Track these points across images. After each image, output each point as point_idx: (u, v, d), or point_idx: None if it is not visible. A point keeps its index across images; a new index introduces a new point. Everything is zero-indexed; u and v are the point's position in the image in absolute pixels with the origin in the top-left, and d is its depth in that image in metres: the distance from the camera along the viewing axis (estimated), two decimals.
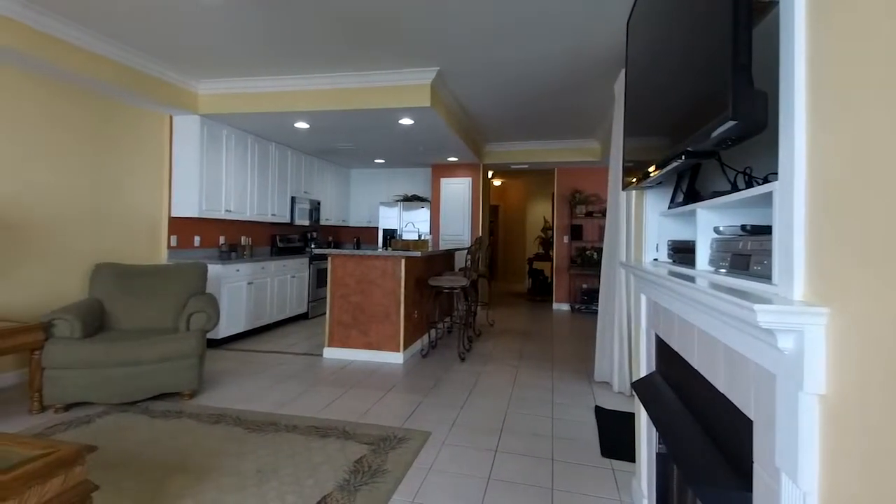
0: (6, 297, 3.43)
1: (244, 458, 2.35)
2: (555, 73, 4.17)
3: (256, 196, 5.80)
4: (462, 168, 7.53)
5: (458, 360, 4.36)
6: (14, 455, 1.48)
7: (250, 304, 5.23)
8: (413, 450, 2.47)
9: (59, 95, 3.80)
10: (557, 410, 3.15)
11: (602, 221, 7.43)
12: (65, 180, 3.85)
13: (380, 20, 3.25)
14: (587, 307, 7.33)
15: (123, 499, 1.97)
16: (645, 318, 1.99)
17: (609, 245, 3.78)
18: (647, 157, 1.71)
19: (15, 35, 3.14)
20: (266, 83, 4.58)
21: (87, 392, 2.94)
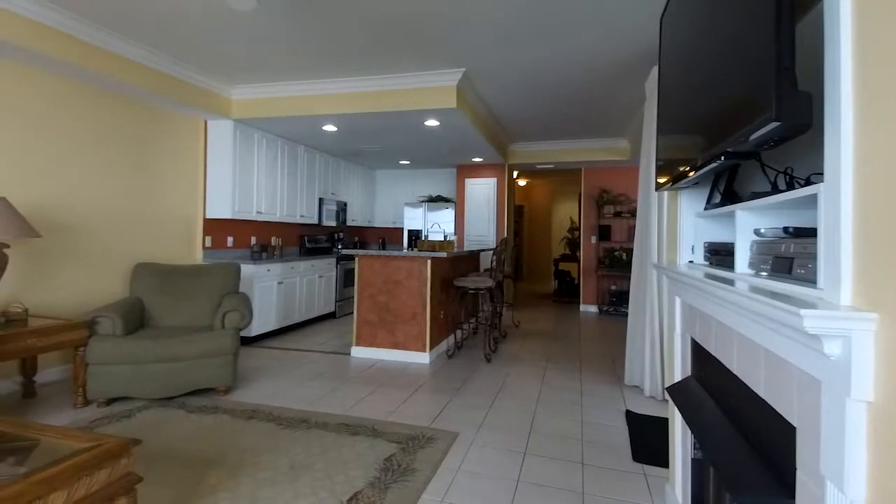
0: (52, 295, 3.61)
1: (277, 454, 2.41)
2: (583, 72, 4.13)
3: (286, 197, 5.93)
4: (487, 168, 7.52)
5: (485, 361, 4.36)
6: (64, 447, 1.56)
7: (280, 304, 5.35)
8: (441, 450, 2.49)
9: (102, 102, 3.98)
10: (587, 414, 3.11)
11: (631, 222, 7.30)
12: (106, 184, 4.03)
13: (407, 23, 3.29)
14: (616, 309, 7.21)
15: (165, 490, 2.05)
16: (680, 321, 1.95)
17: (640, 246, 3.71)
18: (683, 158, 1.68)
19: (67, 48, 3.31)
20: (295, 87, 4.68)
21: (128, 387, 3.07)
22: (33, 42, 3.13)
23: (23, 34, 3.07)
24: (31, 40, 3.11)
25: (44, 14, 3.14)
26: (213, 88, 4.68)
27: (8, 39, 2.99)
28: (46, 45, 3.20)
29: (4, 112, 3.30)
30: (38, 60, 3.32)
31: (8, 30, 2.98)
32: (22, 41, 3.06)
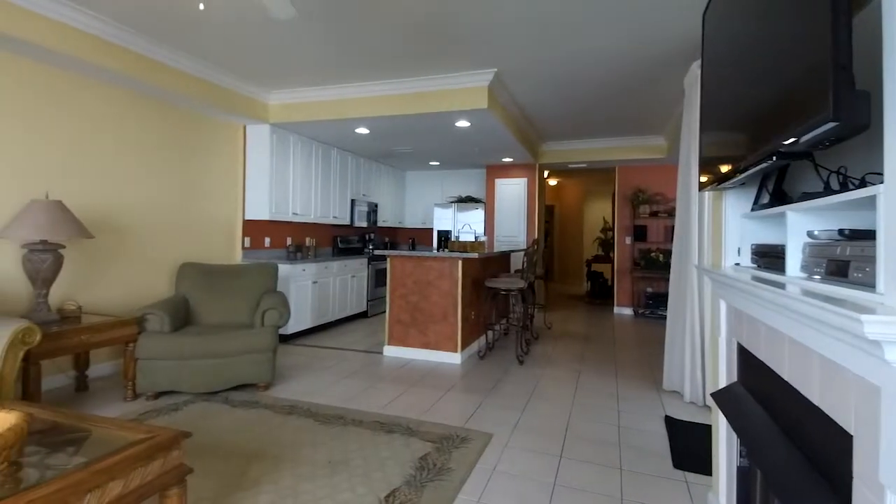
0: (105, 293, 3.81)
1: (316, 449, 2.48)
2: (618, 69, 4.06)
3: (320, 199, 6.06)
4: (517, 168, 7.48)
5: (517, 362, 4.34)
6: (119, 439, 1.65)
7: (315, 303, 5.47)
8: (476, 450, 2.50)
9: (149, 110, 4.18)
10: (624, 418, 3.06)
11: (668, 222, 7.11)
12: (153, 187, 4.22)
13: (439, 26, 3.31)
14: (652, 312, 7.03)
15: (212, 482, 2.14)
16: (725, 325, 1.90)
17: (679, 247, 3.61)
18: (729, 157, 1.64)
19: (120, 59, 3.49)
20: (329, 92, 4.78)
21: (174, 381, 3.21)
22: (88, 54, 3.31)
23: (79, 46, 3.25)
24: (86, 52, 3.30)
25: (98, 27, 3.32)
26: (251, 94, 4.83)
27: (66, 51, 3.17)
28: (100, 56, 3.39)
29: (62, 119, 3.51)
30: (91, 71, 3.51)
31: (66, 42, 3.17)
32: (78, 52, 3.25)
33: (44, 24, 3.04)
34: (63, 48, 3.14)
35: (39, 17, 3.01)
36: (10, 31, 2.87)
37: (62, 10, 3.08)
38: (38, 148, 3.36)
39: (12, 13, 2.88)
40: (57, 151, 3.47)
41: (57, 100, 3.46)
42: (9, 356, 2.42)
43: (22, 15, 2.92)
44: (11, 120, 3.20)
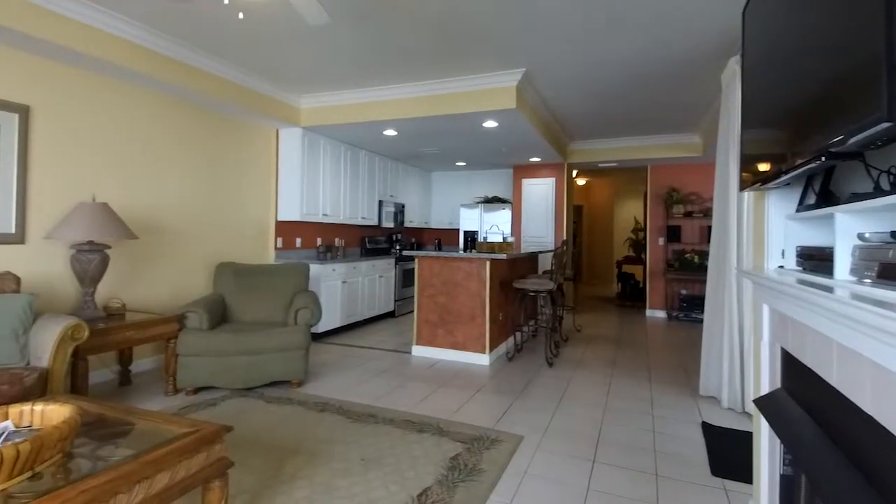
0: (146, 292, 3.98)
1: (349, 446, 2.52)
2: (651, 66, 3.97)
3: (348, 200, 6.16)
4: (545, 168, 7.41)
5: (546, 365, 4.30)
6: (166, 432, 1.72)
7: (344, 302, 5.56)
8: (507, 452, 2.49)
9: (187, 115, 4.34)
10: (659, 424, 2.99)
11: (704, 222, 6.91)
12: (191, 190, 4.38)
13: (468, 27, 3.32)
14: (687, 315, 6.84)
15: (250, 476, 2.20)
16: (768, 330, 1.84)
17: (717, 249, 3.51)
18: (772, 156, 1.58)
19: (161, 66, 3.64)
20: (359, 95, 4.85)
21: (213, 377, 3.32)
22: (132, 61, 3.46)
23: (124, 55, 3.41)
24: (130, 60, 3.45)
25: (142, 36, 3.47)
26: (284, 99, 4.95)
27: (112, 60, 3.33)
28: (143, 63, 3.54)
29: (106, 125, 3.68)
30: (134, 77, 3.67)
31: (112, 51, 3.32)
32: (123, 60, 3.40)
33: (93, 35, 3.19)
34: (109, 57, 3.30)
35: (89, 28, 3.17)
36: (63, 41, 3.03)
37: (110, 21, 3.24)
38: (85, 152, 3.53)
39: (67, 25, 3.04)
40: (102, 155, 3.64)
41: (101, 107, 3.64)
42: (59, 352, 2.55)
43: (75, 27, 3.08)
44: (60, 126, 3.38)
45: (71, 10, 3.03)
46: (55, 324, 2.59)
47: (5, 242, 3.07)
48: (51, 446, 1.40)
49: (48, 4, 2.92)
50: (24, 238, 3.16)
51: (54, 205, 3.33)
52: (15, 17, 2.79)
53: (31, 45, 3.01)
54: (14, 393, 2.32)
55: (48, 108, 3.29)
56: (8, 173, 3.07)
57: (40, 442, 1.35)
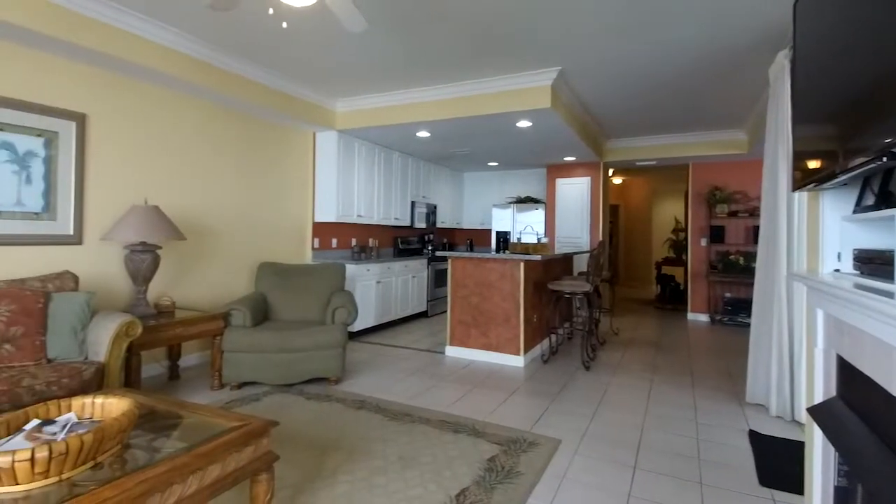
0: (193, 290, 4.15)
1: (387, 444, 2.56)
2: (692, 62, 3.84)
3: (382, 201, 6.24)
4: (580, 167, 7.28)
5: (583, 368, 4.22)
6: (216, 425, 1.78)
7: (378, 302, 5.64)
8: (544, 455, 2.47)
9: (230, 121, 4.50)
10: (703, 431, 2.89)
11: (750, 222, 6.62)
12: (234, 192, 4.54)
13: (505, 28, 3.30)
14: (731, 319, 6.58)
15: (294, 470, 2.27)
16: (822, 336, 1.75)
17: (765, 251, 3.36)
18: (829, 154, 1.51)
19: (206, 75, 3.80)
20: (392, 97, 4.91)
21: (255, 373, 3.43)
22: (180, 71, 3.63)
23: (173, 64, 3.57)
24: (178, 69, 3.61)
25: (186, 45, 3.62)
26: (320, 103, 5.07)
27: (159, 68, 3.49)
28: (189, 72, 3.70)
29: (155, 131, 3.86)
30: (179, 86, 3.84)
31: (163, 61, 3.49)
32: (172, 70, 3.56)
33: (143, 45, 3.36)
34: (158, 66, 3.46)
35: (140, 39, 3.34)
36: (116, 52, 3.21)
37: (157, 32, 3.40)
38: (136, 157, 3.72)
39: (120, 36, 3.21)
40: (151, 160, 3.82)
41: (150, 114, 3.82)
42: (115, 347, 2.70)
43: (128, 38, 3.26)
44: (113, 132, 3.57)
45: (123, 22, 3.20)
46: (111, 321, 2.74)
47: (65, 243, 3.27)
48: (111, 438, 1.48)
49: (103, 17, 3.10)
50: (81, 239, 3.36)
51: (109, 208, 3.52)
52: (73, 30, 2.97)
53: (87, 56, 3.20)
54: (73, 386, 2.47)
55: (102, 115, 3.48)
56: (67, 178, 3.27)
57: (102, 433, 1.43)
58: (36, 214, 3.12)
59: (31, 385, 2.30)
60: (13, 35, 2.85)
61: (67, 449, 1.33)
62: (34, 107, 3.08)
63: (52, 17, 2.86)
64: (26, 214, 3.07)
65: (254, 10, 3.10)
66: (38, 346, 2.55)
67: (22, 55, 3.03)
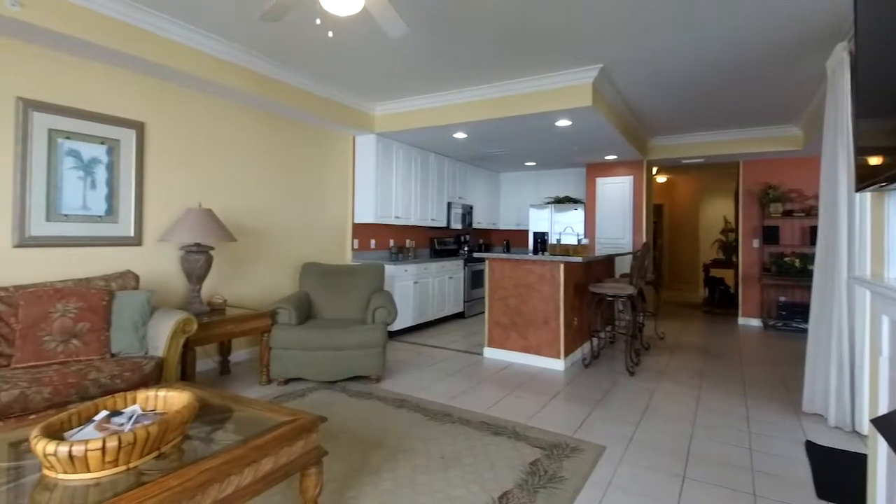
0: (241, 289, 4.32)
1: (428, 443, 2.58)
2: (744, 54, 3.68)
3: (418, 202, 6.29)
4: (621, 166, 7.10)
5: (626, 373, 4.11)
6: (268, 420, 1.85)
7: (416, 302, 5.70)
8: (588, 461, 2.42)
9: (274, 126, 4.67)
10: (756, 441, 2.76)
11: (806, 222, 6.27)
12: (277, 195, 4.70)
13: (544, 27, 3.27)
14: (786, 324, 6.25)
15: (339, 464, 2.33)
16: (888, 344, 1.64)
17: (824, 253, 3.17)
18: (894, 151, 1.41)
19: (255, 83, 3.96)
20: (430, 100, 4.95)
21: (301, 370, 3.54)
22: (231, 80, 3.79)
23: (224, 74, 3.73)
24: (229, 78, 3.78)
25: (233, 54, 3.78)
26: (360, 107, 5.18)
27: (209, 77, 3.66)
28: (239, 81, 3.86)
29: (206, 137, 4.05)
30: (227, 93, 4.00)
31: (215, 71, 3.66)
32: (218, 78, 3.73)
33: (195, 55, 3.54)
34: (208, 75, 3.63)
35: (191, 49, 3.52)
36: (171, 62, 3.39)
37: (207, 42, 3.57)
38: (190, 162, 3.92)
39: (175, 49, 3.39)
40: (204, 165, 4.01)
41: (201, 121, 4.01)
42: (172, 342, 2.85)
43: (181, 50, 3.44)
44: (169, 139, 3.78)
45: (178, 35, 3.38)
46: (169, 317, 2.90)
47: (126, 244, 3.48)
48: (174, 429, 1.57)
49: (161, 31, 3.28)
50: (141, 240, 3.56)
51: (165, 210, 3.73)
52: (133, 42, 3.16)
53: (145, 67, 3.39)
54: (135, 379, 2.62)
55: (159, 123, 3.68)
56: (127, 183, 3.48)
57: (166, 425, 1.51)
58: (100, 217, 3.33)
59: (97, 378, 2.46)
60: (79, 49, 3.06)
61: (135, 439, 1.42)
62: (98, 116, 3.30)
63: (115, 31, 3.05)
64: (91, 217, 3.29)
65: (300, 20, 3.20)
66: (102, 342, 2.73)
67: (87, 68, 3.25)
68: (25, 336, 2.53)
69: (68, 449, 1.32)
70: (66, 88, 3.14)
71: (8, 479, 1.37)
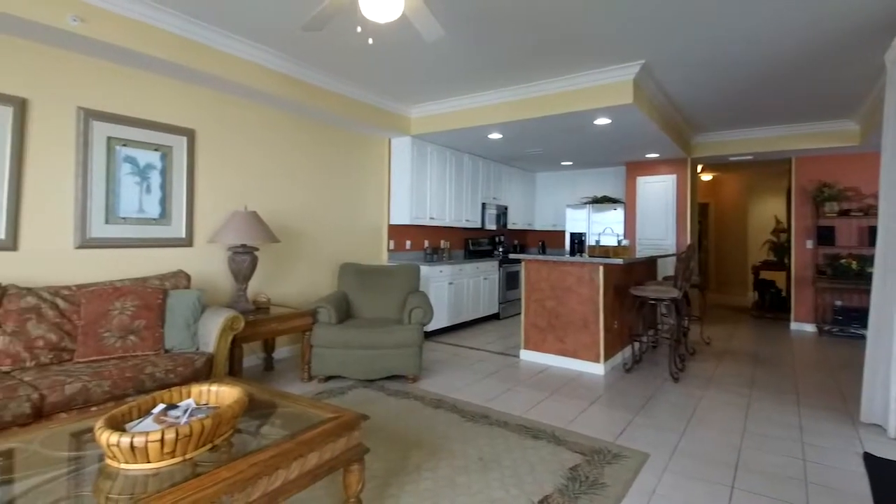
0: (283, 288, 4.46)
1: (466, 445, 2.58)
2: (793, 48, 3.50)
3: (453, 203, 6.30)
4: (664, 164, 6.87)
5: (670, 379, 3.98)
6: (313, 416, 1.90)
7: (451, 302, 5.71)
8: (631, 469, 2.36)
9: (314, 131, 4.79)
10: (810, 452, 2.62)
11: (864, 222, 5.89)
12: (316, 198, 4.82)
13: (582, 24, 3.21)
14: (842, 329, 5.89)
15: (379, 462, 2.37)
16: None
17: (884, 254, 2.97)
18: None
19: (289, 87, 4.07)
20: (465, 101, 4.95)
21: (340, 368, 3.61)
22: (270, 86, 3.92)
23: (263, 81, 3.86)
24: (267, 85, 3.90)
25: (275, 62, 3.90)
26: (396, 110, 5.24)
27: (254, 85, 3.79)
28: (278, 87, 3.99)
29: (249, 143, 4.20)
30: (269, 100, 4.13)
31: (255, 78, 3.79)
32: (263, 86, 3.86)
33: (248, 67, 3.68)
34: (253, 83, 3.77)
35: (236, 59, 3.65)
36: (220, 72, 3.53)
37: (251, 51, 3.70)
38: (235, 167, 4.07)
39: (228, 60, 3.54)
40: (248, 169, 4.16)
41: (245, 127, 4.17)
42: (222, 339, 2.97)
43: (228, 60, 3.58)
44: (216, 145, 3.94)
45: (225, 45, 3.52)
46: (218, 315, 3.02)
47: (178, 245, 3.65)
48: (226, 423, 1.63)
49: (210, 42, 3.42)
50: (192, 241, 3.73)
51: (213, 213, 3.89)
52: (186, 54, 3.32)
53: (196, 77, 3.55)
54: (187, 374, 2.75)
55: (208, 130, 3.85)
56: (179, 187, 3.65)
57: (219, 419, 1.58)
58: (154, 220, 3.51)
59: (152, 372, 2.60)
60: (135, 61, 3.23)
61: (191, 432, 1.48)
62: (152, 124, 3.48)
63: (169, 44, 3.21)
64: (146, 220, 3.47)
65: (338, 28, 3.27)
66: (157, 338, 2.87)
67: (142, 78, 3.44)
68: (87, 332, 2.69)
69: (130, 440, 1.40)
70: (122, 98, 3.33)
71: (72, 468, 1.46)
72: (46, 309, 2.68)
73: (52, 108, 3.00)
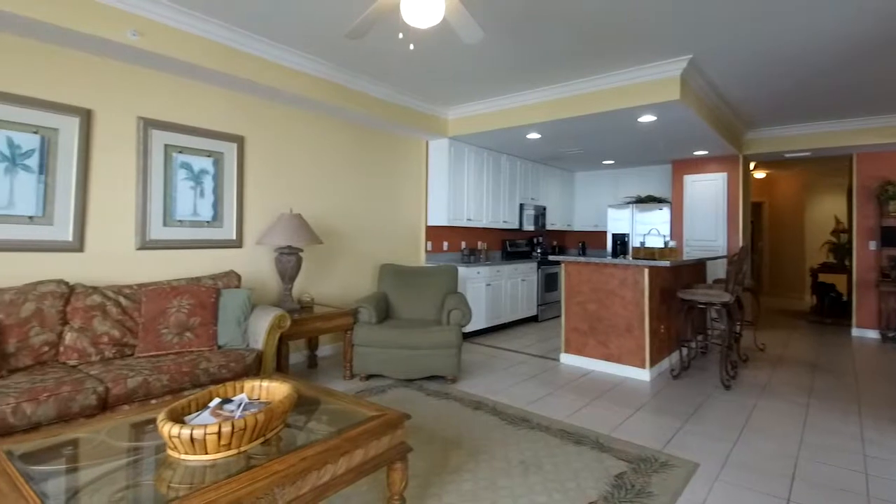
0: (327, 288, 4.58)
1: (507, 448, 2.56)
2: (855, 35, 3.26)
3: (490, 204, 6.27)
4: (713, 162, 6.58)
5: (721, 387, 3.80)
6: (358, 413, 1.93)
7: (489, 304, 5.68)
8: (680, 478, 2.27)
9: (354, 134, 4.90)
10: (873, 466, 2.45)
11: None
12: (356, 200, 4.92)
13: (626, 20, 3.12)
14: None
15: (420, 461, 2.39)
16: None
17: None
18: None
19: (331, 93, 4.18)
20: (503, 101, 4.92)
21: (381, 367, 3.68)
22: (313, 92, 4.03)
23: (307, 88, 3.98)
24: (311, 91, 4.02)
25: (318, 69, 4.01)
26: (433, 112, 5.27)
27: (299, 92, 3.92)
28: (320, 93, 4.10)
29: (294, 147, 4.34)
30: (311, 106, 4.25)
31: (299, 85, 3.91)
32: (306, 93, 3.98)
33: (292, 75, 3.81)
34: (298, 90, 3.89)
35: (289, 70, 3.79)
36: (270, 82, 3.68)
37: (302, 62, 3.83)
38: (281, 171, 4.22)
39: (274, 69, 3.68)
40: (293, 173, 4.30)
41: (290, 132, 4.31)
42: (270, 337, 3.08)
43: (278, 69, 3.72)
44: (263, 150, 4.09)
45: (270, 54, 3.65)
46: (266, 314, 3.14)
47: (229, 247, 3.82)
48: (277, 417, 1.69)
49: (255, 51, 3.56)
50: (241, 243, 3.89)
51: (261, 215, 4.04)
52: (238, 64, 3.47)
53: (244, 85, 3.70)
54: (238, 369, 2.87)
55: (255, 136, 4.00)
56: (230, 191, 3.81)
57: (271, 413, 1.64)
58: (207, 223, 3.68)
59: (206, 368, 2.73)
60: (190, 72, 3.41)
61: (245, 425, 1.55)
62: (206, 132, 3.65)
63: (222, 56, 3.37)
64: (200, 223, 3.64)
65: (379, 33, 3.33)
66: (211, 335, 3.01)
67: (196, 88, 3.62)
68: (147, 329, 2.86)
69: (190, 432, 1.48)
70: (177, 107, 3.51)
71: (135, 457, 1.55)
72: (110, 307, 2.86)
73: (114, 117, 3.20)
